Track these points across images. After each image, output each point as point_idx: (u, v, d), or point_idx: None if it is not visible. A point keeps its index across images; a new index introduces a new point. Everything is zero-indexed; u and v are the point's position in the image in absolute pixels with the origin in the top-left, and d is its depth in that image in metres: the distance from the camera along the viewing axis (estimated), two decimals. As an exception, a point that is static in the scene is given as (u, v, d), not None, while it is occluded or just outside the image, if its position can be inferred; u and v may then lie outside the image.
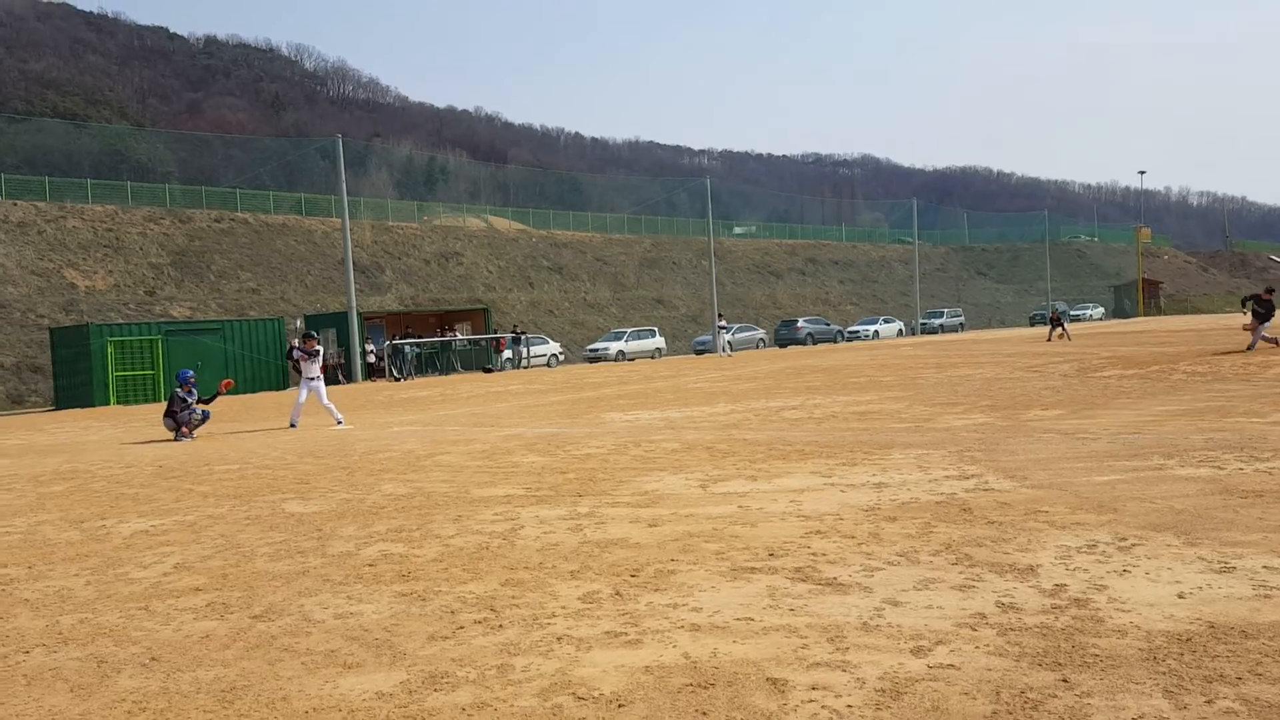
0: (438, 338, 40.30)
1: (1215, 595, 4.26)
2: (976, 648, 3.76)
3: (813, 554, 5.39)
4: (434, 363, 38.54)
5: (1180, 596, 4.26)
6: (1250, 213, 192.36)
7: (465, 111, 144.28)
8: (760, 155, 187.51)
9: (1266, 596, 4.19)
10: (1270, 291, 21.60)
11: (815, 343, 50.59)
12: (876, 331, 56.39)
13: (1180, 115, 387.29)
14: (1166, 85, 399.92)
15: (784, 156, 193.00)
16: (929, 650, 3.76)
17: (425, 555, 5.90)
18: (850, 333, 55.56)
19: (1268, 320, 20.58)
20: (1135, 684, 3.30)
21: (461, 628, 4.38)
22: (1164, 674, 3.37)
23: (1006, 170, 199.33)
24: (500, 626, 4.36)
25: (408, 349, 37.30)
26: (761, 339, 52.30)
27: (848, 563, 5.16)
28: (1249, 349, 19.74)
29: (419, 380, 34.64)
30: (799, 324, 52.13)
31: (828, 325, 54.23)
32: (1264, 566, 4.64)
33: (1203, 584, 4.43)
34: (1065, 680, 3.37)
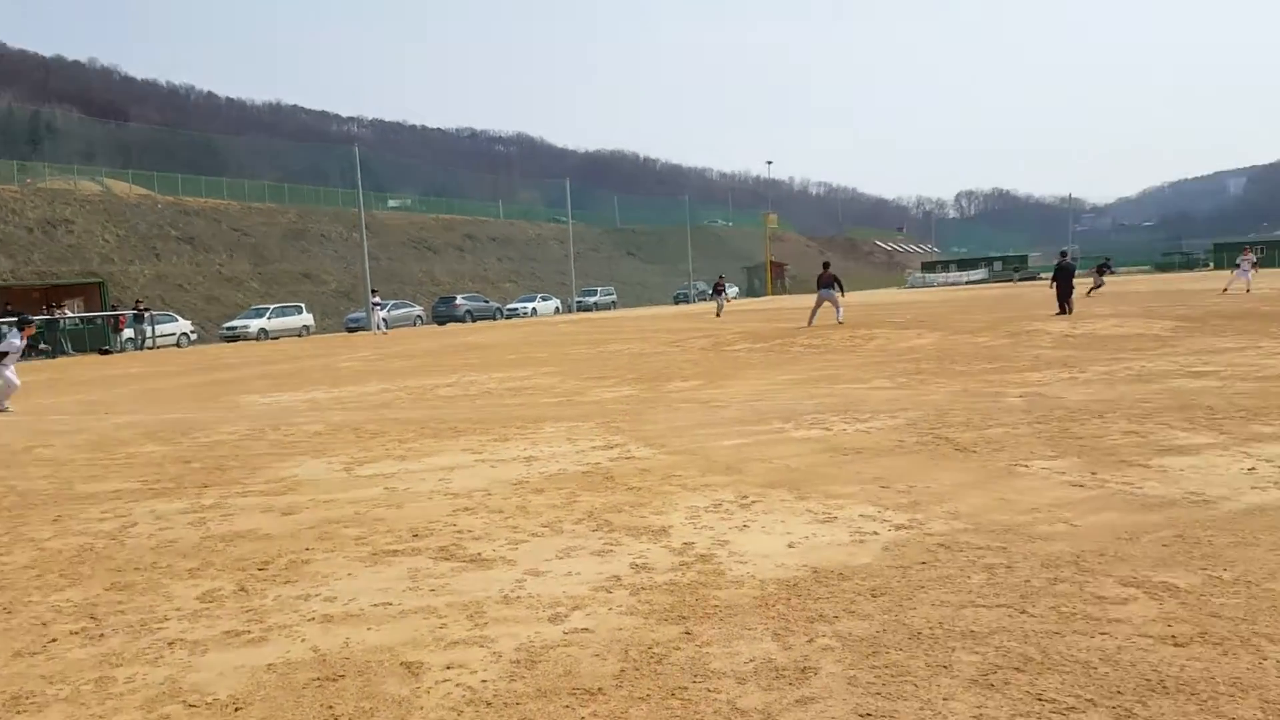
0: (43, 316, 35.61)
1: (819, 543, 4.69)
2: (610, 609, 3.86)
3: (458, 531, 5.31)
4: (37, 344, 34.01)
5: (790, 546, 4.65)
6: (860, 203, 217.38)
7: (77, 62, 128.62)
8: (414, 127, 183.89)
9: (861, 542, 4.67)
10: (827, 265, 24.32)
11: (474, 320, 50.48)
12: (534, 309, 57.38)
13: (800, 112, 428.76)
14: (794, 84, 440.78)
15: (439, 130, 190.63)
16: (565, 616, 3.81)
17: (14, 562, 5.14)
18: (509, 310, 56.09)
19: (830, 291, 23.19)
20: (748, 630, 3.55)
21: (54, 640, 3.85)
22: (773, 619, 3.65)
23: (653, 156, 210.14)
24: (101, 636, 3.88)
25: (4, 329, 32.57)
26: (419, 316, 51.34)
27: (493, 538, 5.13)
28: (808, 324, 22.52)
29: (21, 364, 30.44)
30: (457, 301, 51.73)
31: (487, 303, 54.33)
32: (860, 515, 5.19)
33: (809, 534, 4.87)
34: (688, 633, 3.55)
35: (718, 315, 35.32)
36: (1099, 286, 34.00)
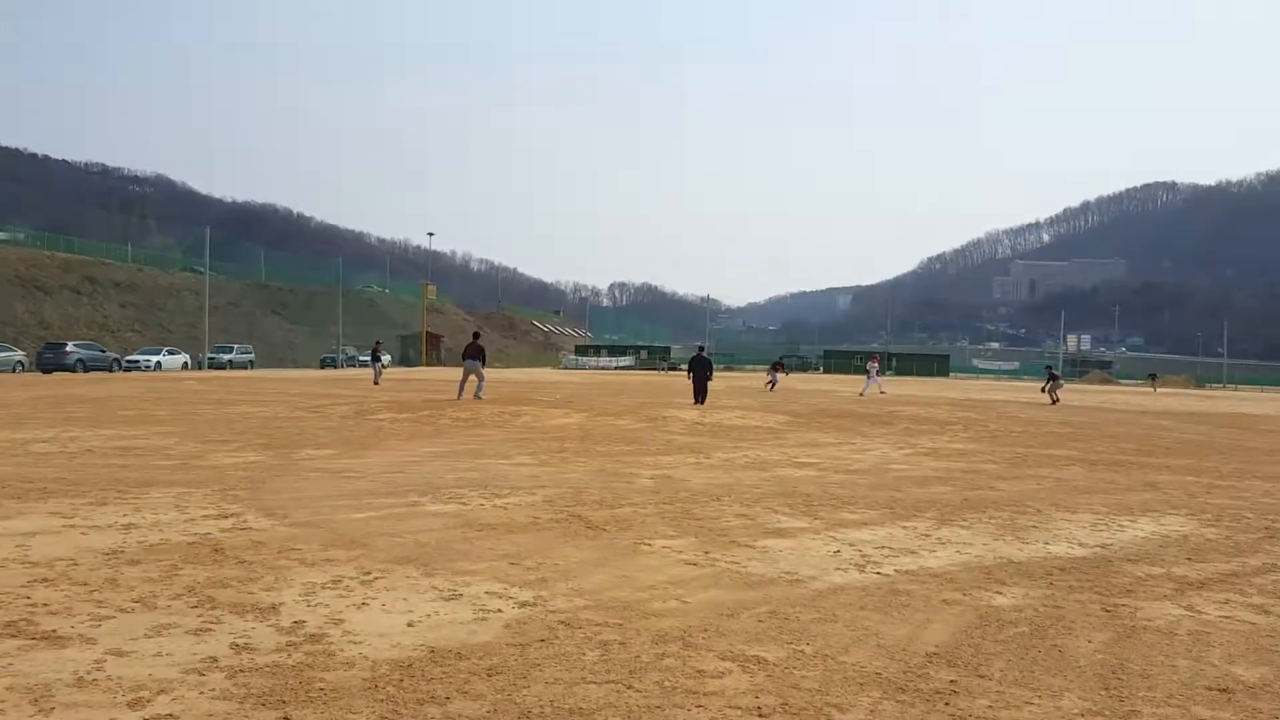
0: None
1: (441, 621, 4.58)
2: (201, 694, 3.51)
3: (32, 605, 4.62)
4: None
5: (410, 625, 4.50)
6: (520, 282, 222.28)
7: None
8: (34, 155, 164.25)
9: (483, 619, 4.62)
10: (476, 336, 24.79)
11: (87, 370, 45.15)
12: (159, 363, 52.39)
13: (468, 188, 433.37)
14: (461, 160, 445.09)
15: (64, 161, 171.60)
16: (148, 702, 3.42)
17: None
18: (129, 362, 50.74)
19: None
20: (353, 714, 3.35)
21: None
22: (381, 701, 3.48)
23: (307, 213, 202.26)
24: None
25: None
26: (20, 362, 45.10)
27: (74, 613, 4.51)
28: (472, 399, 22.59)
29: None
30: (68, 348, 46.01)
31: (103, 352, 48.80)
32: (486, 592, 5.14)
33: (431, 611, 4.74)
34: (287, 718, 3.29)
35: (376, 383, 34.20)
36: (774, 383, 37.16)
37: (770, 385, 37.05)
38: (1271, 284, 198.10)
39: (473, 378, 23.37)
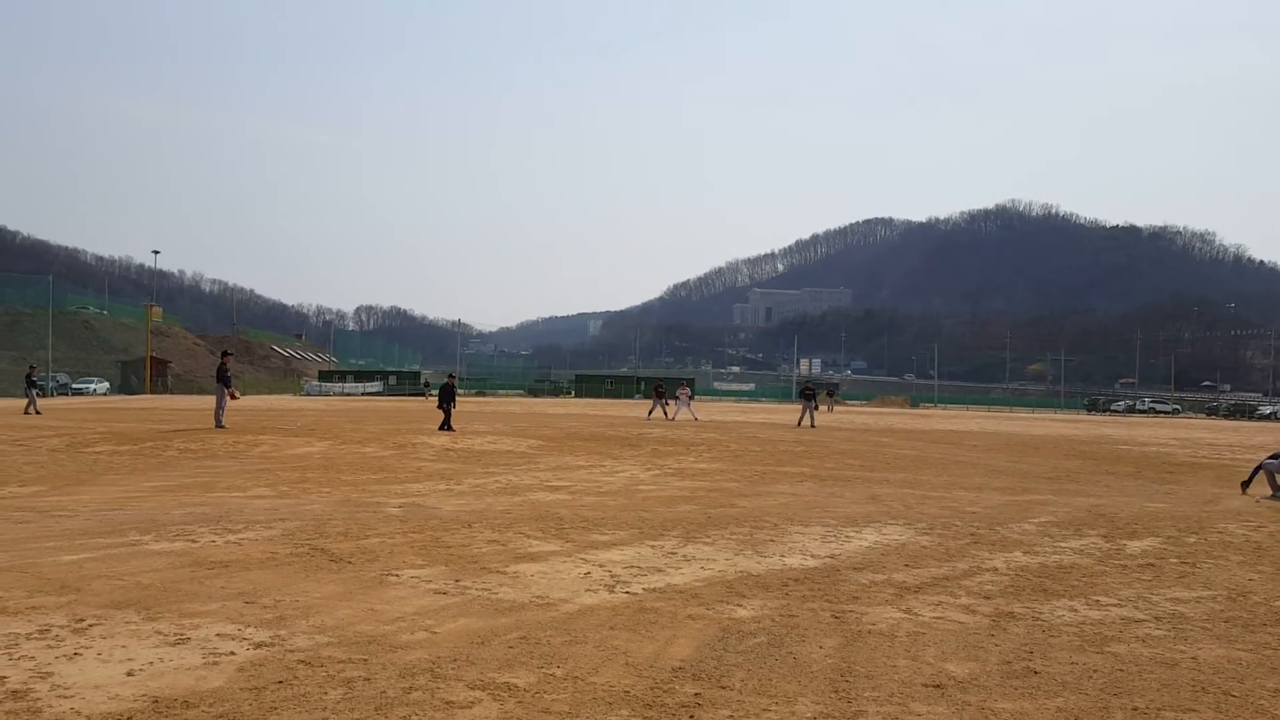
0: None
1: (166, 668, 4.23)
2: None
3: None
4: None
5: (130, 674, 4.12)
6: (257, 304, 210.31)
7: None
8: None
9: (214, 664, 4.31)
10: (226, 354, 23.34)
11: None
12: None
13: (196, 201, 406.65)
14: (192, 176, 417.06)
15: None
16: None
17: None
18: None
19: None
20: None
21: None
22: (93, 762, 3.17)
23: (11, 227, 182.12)
24: None
25: None
26: None
27: None
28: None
29: None
30: None
31: None
32: (217, 634, 4.80)
33: (155, 658, 4.37)
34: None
35: (27, 412, 30.42)
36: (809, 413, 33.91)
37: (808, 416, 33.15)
38: (974, 311, 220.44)
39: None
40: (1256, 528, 9.85)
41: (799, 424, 32.40)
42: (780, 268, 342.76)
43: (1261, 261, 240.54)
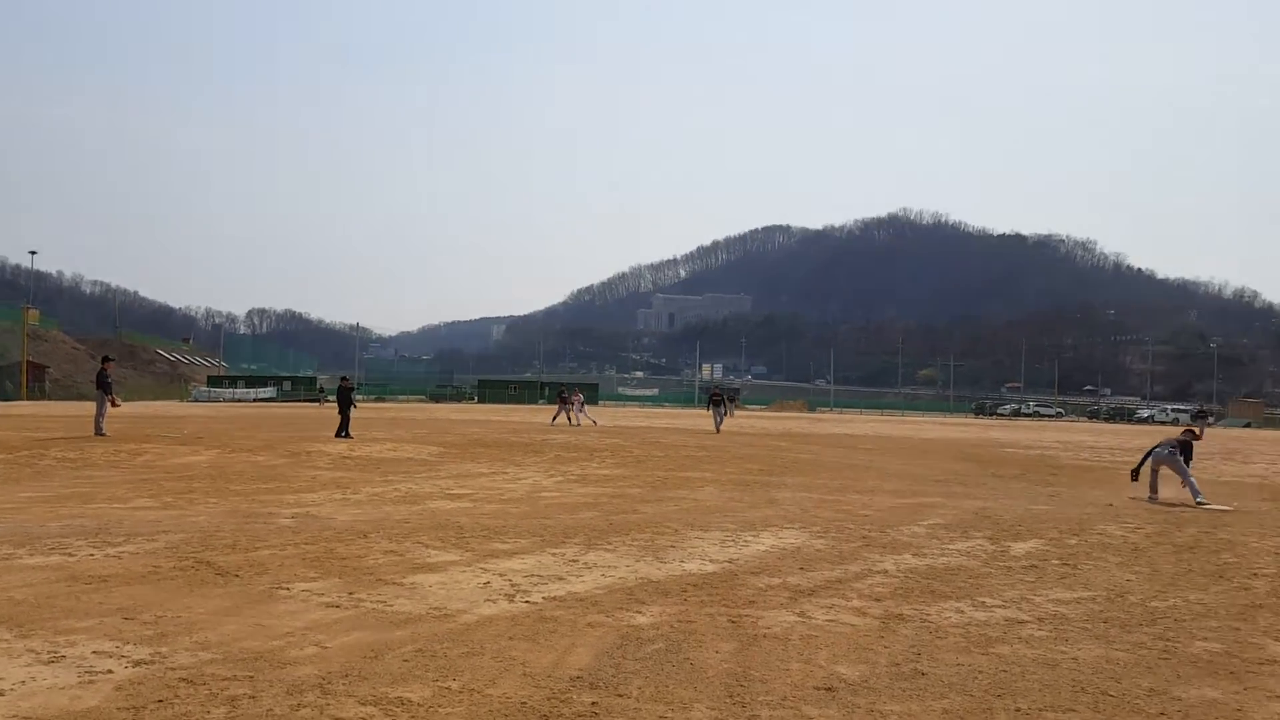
0: None
1: (38, 688, 4.03)
2: None
3: None
4: None
5: (0, 694, 3.92)
6: (141, 307, 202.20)
7: None
8: None
9: (90, 683, 4.13)
10: (106, 360, 22.56)
11: None
12: None
13: (76, 198, 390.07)
14: (71, 173, 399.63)
15: None
16: None
17: None
18: None
19: None
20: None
21: None
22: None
23: None
24: None
25: None
26: None
27: None
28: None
29: None
30: None
31: None
32: (94, 651, 4.60)
33: (27, 678, 4.16)
34: None
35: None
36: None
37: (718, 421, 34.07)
38: (868, 317, 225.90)
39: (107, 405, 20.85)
40: (1134, 529, 10.33)
41: (717, 430, 32.86)
42: (683, 273, 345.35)
43: (1140, 269, 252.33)
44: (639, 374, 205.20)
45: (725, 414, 34.83)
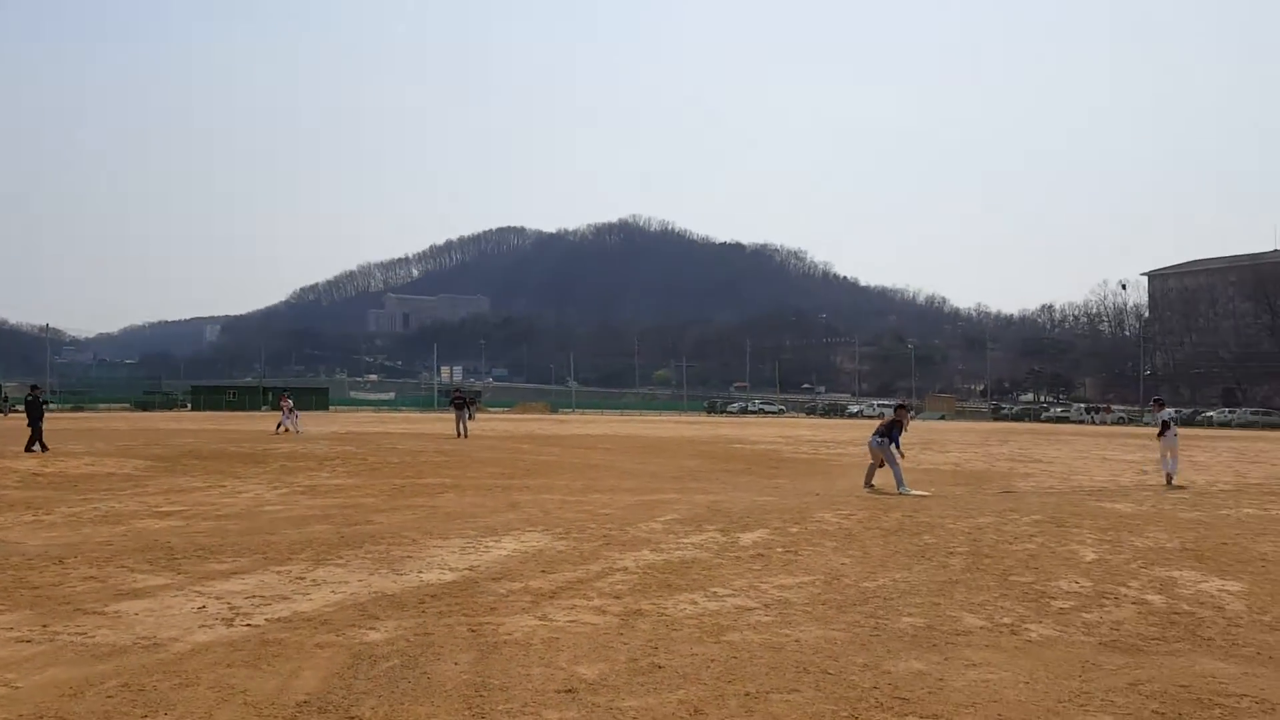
0: None
1: None
2: None
3: None
4: None
5: None
6: None
7: None
8: None
9: None
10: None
11: None
12: None
13: None
14: None
15: None
16: None
17: None
18: None
19: None
20: None
21: None
22: None
23: None
24: None
25: None
26: None
27: None
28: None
29: None
30: None
31: None
32: None
33: None
34: None
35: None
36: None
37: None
38: (603, 319, 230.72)
39: None
40: (848, 515, 11.13)
41: (462, 435, 32.20)
42: (415, 273, 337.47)
43: (845, 277, 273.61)
44: (373, 377, 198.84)
45: (469, 416, 34.36)
